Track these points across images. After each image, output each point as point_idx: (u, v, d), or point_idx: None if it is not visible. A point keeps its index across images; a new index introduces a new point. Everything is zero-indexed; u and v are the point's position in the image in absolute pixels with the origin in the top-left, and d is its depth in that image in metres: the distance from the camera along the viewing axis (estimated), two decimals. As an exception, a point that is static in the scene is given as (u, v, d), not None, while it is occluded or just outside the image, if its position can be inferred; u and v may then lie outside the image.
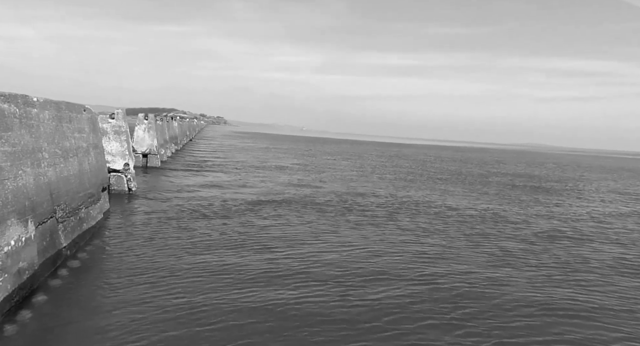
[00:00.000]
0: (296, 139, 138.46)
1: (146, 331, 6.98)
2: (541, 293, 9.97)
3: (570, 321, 8.55)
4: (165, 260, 10.47)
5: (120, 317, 7.39)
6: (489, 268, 11.69)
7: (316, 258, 11.49)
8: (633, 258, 13.71)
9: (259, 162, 41.35)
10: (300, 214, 17.16)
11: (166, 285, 8.91)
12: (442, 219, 18.10)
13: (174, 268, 9.94)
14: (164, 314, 7.61)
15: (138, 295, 8.32)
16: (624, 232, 18.15)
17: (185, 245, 11.85)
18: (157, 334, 6.93)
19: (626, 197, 31.85)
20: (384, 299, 9.02)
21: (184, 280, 9.27)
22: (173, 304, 8.04)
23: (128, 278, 9.17)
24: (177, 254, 10.98)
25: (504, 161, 79.55)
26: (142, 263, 10.15)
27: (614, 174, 60.22)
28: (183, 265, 10.20)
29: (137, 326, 7.11)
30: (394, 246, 13.28)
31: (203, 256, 10.98)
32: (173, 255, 10.85)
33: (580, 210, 23.22)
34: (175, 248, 11.50)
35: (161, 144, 33.14)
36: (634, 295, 10.31)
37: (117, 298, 8.17)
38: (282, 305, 8.37)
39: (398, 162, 55.31)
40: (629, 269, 12.51)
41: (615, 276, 11.74)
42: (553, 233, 16.83)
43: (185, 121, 73.85)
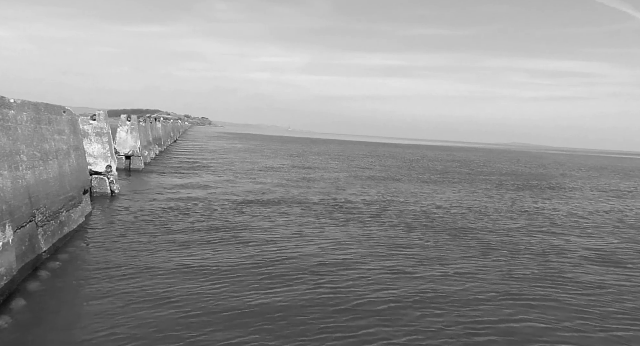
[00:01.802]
0: (282, 139, 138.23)
1: (128, 334, 6.90)
2: (514, 282, 10.23)
3: (537, 309, 8.77)
4: (148, 262, 10.36)
5: (101, 321, 7.29)
6: (467, 260, 11.98)
7: (296, 254, 11.53)
8: (606, 249, 14.08)
9: (245, 162, 41.18)
10: (287, 213, 17.14)
11: (149, 287, 8.82)
12: (427, 215, 18.29)
13: (157, 270, 9.84)
14: (146, 317, 7.53)
15: (120, 298, 8.21)
16: (601, 225, 18.61)
17: (169, 246, 11.75)
18: (139, 336, 6.86)
19: (607, 193, 32.67)
20: (363, 289, 9.12)
21: (168, 281, 9.18)
22: (156, 306, 7.96)
23: (110, 280, 9.04)
24: (161, 256, 10.88)
25: (489, 160, 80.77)
26: (125, 265, 10.02)
27: (596, 172, 61.71)
28: (166, 266, 10.11)
29: (119, 330, 7.03)
30: (379, 242, 13.39)
31: (187, 257, 10.89)
32: (157, 257, 10.75)
33: (561, 206, 23.72)
34: (159, 250, 11.38)
35: (144, 146, 32.73)
36: (603, 282, 10.61)
37: (98, 301, 8.04)
38: (262, 299, 8.38)
39: (385, 162, 55.69)
40: (603, 259, 12.85)
41: (589, 265, 12.06)
42: (531, 227, 17.17)
43: (169, 122, 73.04)
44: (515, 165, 67.47)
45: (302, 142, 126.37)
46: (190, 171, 30.45)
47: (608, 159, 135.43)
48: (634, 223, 19.97)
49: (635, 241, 16.13)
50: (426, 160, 65.28)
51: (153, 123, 42.13)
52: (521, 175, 46.66)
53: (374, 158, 61.56)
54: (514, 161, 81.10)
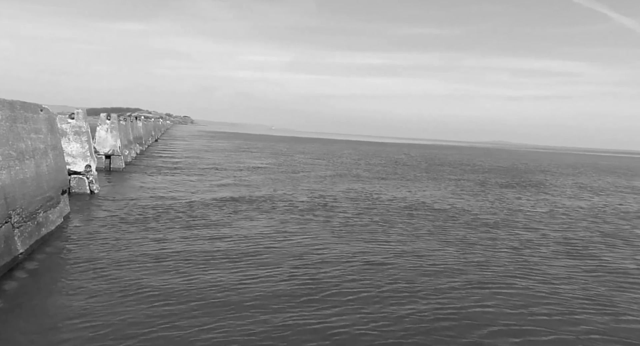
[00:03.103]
0: (267, 138, 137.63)
1: (106, 333, 6.83)
2: (487, 272, 10.51)
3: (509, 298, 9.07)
4: (128, 263, 10.26)
5: (79, 321, 7.23)
6: (443, 253, 12.27)
7: (276, 250, 11.58)
8: (579, 243, 14.51)
9: (229, 161, 40.88)
10: (270, 211, 17.14)
11: (129, 288, 8.75)
12: (410, 212, 18.54)
13: (138, 271, 9.75)
14: (126, 317, 7.49)
15: (99, 298, 8.15)
16: (576, 220, 19.15)
17: (150, 247, 11.63)
18: (117, 336, 6.79)
19: (584, 190, 33.59)
20: (342, 281, 9.25)
21: (148, 282, 9.12)
22: (137, 306, 7.92)
23: (88, 281, 8.95)
24: (142, 257, 10.77)
25: (471, 157, 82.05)
26: (104, 266, 9.90)
27: (575, 169, 63.34)
28: (147, 267, 10.03)
29: (97, 329, 6.98)
30: (360, 238, 13.54)
31: (168, 258, 10.83)
32: (137, 258, 10.65)
33: (539, 202, 24.29)
34: (140, 251, 11.27)
35: (125, 145, 32.19)
36: (571, 273, 10.97)
37: (76, 301, 7.96)
38: (241, 291, 8.45)
39: (370, 160, 56.02)
40: (574, 252, 13.25)
41: (560, 258, 12.42)
42: (510, 222, 17.55)
43: (151, 121, 71.95)
44: (496, 162, 68.73)
45: (286, 140, 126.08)
46: (172, 170, 30.09)
47: (587, 157, 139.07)
48: (606, 218, 20.61)
49: (605, 234, 16.66)
50: (410, 159, 65.97)
51: (134, 122, 41.46)
52: (502, 172, 47.58)
53: (359, 157, 61.86)
54: (495, 159, 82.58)
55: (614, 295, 9.99)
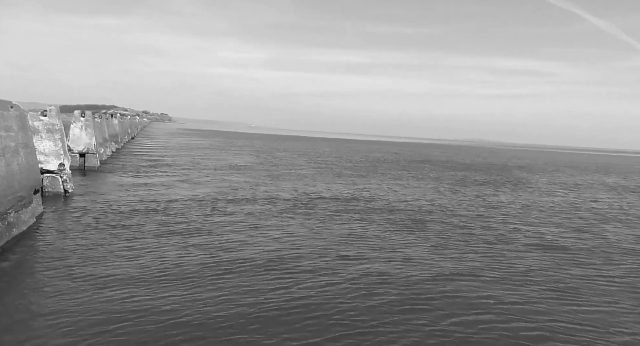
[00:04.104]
0: (246, 136, 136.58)
1: (75, 335, 6.75)
2: (458, 264, 10.81)
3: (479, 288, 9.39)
4: (102, 264, 10.07)
5: (49, 322, 7.13)
6: (418, 247, 12.52)
7: (254, 246, 11.61)
8: (549, 236, 15.03)
9: (209, 160, 40.45)
10: (250, 209, 17.09)
11: (101, 289, 8.63)
12: (389, 208, 18.78)
13: (110, 272, 9.61)
14: (94, 313, 7.42)
15: (69, 295, 8.03)
16: (548, 215, 19.79)
17: (125, 248, 11.41)
18: (87, 332, 6.73)
19: (556, 186, 34.66)
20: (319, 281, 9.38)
21: (121, 283, 9.00)
22: (105, 304, 7.83)
23: (60, 282, 8.80)
24: (116, 258, 10.57)
25: (451, 155, 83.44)
26: (77, 267, 9.72)
27: (551, 167, 65.18)
28: (121, 268, 9.87)
29: (67, 331, 6.90)
30: (339, 234, 13.66)
31: (143, 259, 10.65)
32: (111, 260, 10.46)
33: (514, 198, 24.96)
34: (114, 252, 11.06)
35: (100, 143, 31.48)
36: (539, 264, 11.39)
37: (46, 300, 7.84)
38: (215, 286, 8.46)
39: (351, 158, 56.40)
40: (543, 245, 13.74)
41: (531, 251, 12.87)
42: (485, 217, 18.00)
43: (127, 118, 70.47)
44: (474, 160, 70.13)
45: (266, 138, 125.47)
46: (150, 169, 29.59)
47: (561, 155, 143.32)
48: (577, 214, 21.35)
49: (575, 229, 17.28)
50: (390, 156, 66.65)
51: (109, 119, 40.54)
52: (480, 169, 48.61)
53: (340, 155, 62.15)
54: (474, 156, 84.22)
55: (579, 284, 10.44)
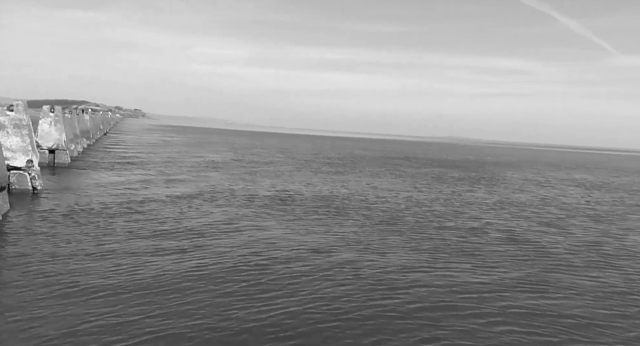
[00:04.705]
0: (224, 132, 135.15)
1: (38, 328, 6.62)
2: (433, 258, 11.13)
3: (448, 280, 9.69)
4: (70, 267, 9.74)
5: (9, 316, 6.95)
6: (390, 241, 12.73)
7: (229, 243, 11.59)
8: (518, 230, 15.57)
9: (185, 157, 39.84)
10: (227, 207, 16.99)
11: (65, 282, 8.47)
12: (366, 205, 19.00)
13: (76, 266, 9.42)
14: (58, 311, 7.29)
15: (31, 293, 7.85)
16: (520, 210, 20.43)
17: (93, 243, 11.18)
18: (50, 330, 6.61)
19: (531, 182, 35.74)
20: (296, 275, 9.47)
21: (86, 284, 8.76)
22: (70, 302, 7.69)
23: (22, 277, 8.58)
24: (82, 253, 10.34)
25: (430, 152, 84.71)
26: (41, 263, 9.48)
27: (526, 163, 67.02)
28: (89, 268, 9.61)
29: (29, 324, 6.76)
30: (314, 230, 13.76)
31: (112, 258, 10.40)
32: (77, 255, 10.23)
33: (489, 194, 25.64)
34: (81, 247, 10.81)
35: (71, 139, 30.57)
36: (510, 257, 11.83)
37: (8, 298, 7.63)
38: (186, 282, 8.44)
39: (330, 155, 56.57)
40: (513, 238, 14.22)
41: (501, 244, 13.32)
42: (459, 213, 18.45)
43: (99, 114, 68.59)
44: (452, 157, 71.50)
45: (244, 135, 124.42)
46: (124, 166, 28.95)
47: (536, 152, 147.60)
48: (546, 208, 22.12)
49: (543, 223, 17.92)
50: (369, 153, 67.20)
51: (80, 115, 39.40)
52: (457, 166, 49.62)
53: (318, 152, 62.25)
54: (451, 153, 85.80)
55: (545, 275, 10.89)
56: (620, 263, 12.51)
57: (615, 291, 10.07)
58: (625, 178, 47.48)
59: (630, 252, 14.01)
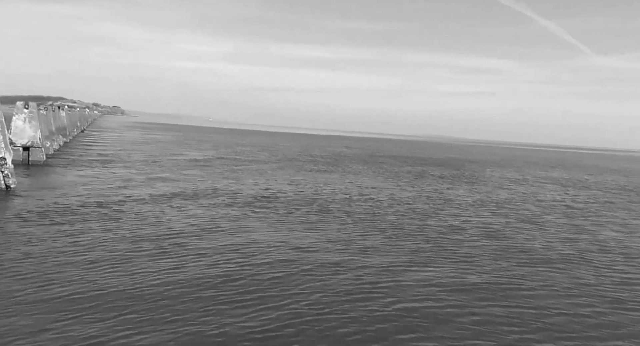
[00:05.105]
0: (206, 130, 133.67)
1: (15, 335, 6.47)
2: (411, 253, 11.30)
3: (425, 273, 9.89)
4: (44, 263, 9.57)
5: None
6: (368, 237, 12.95)
7: (211, 246, 11.51)
8: (495, 226, 15.91)
9: (165, 154, 39.26)
10: (206, 205, 16.85)
11: (41, 290, 8.25)
12: (348, 202, 19.10)
13: (54, 273, 9.16)
14: (29, 314, 7.14)
15: (8, 300, 7.62)
16: (497, 207, 20.88)
17: (70, 246, 10.85)
18: (20, 331, 6.47)
19: (510, 181, 36.50)
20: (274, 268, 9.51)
21: (60, 283, 8.60)
22: (41, 305, 7.53)
23: (7, 282, 8.30)
24: (60, 259, 10.02)
25: (412, 151, 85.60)
26: (16, 274, 9.12)
27: (505, 162, 68.34)
28: (65, 269, 9.38)
29: (7, 332, 6.57)
30: (295, 227, 13.78)
31: (85, 253, 10.26)
32: (55, 258, 9.96)
33: (467, 191, 26.09)
34: (59, 252, 10.49)
35: (46, 136, 29.79)
36: (487, 252, 12.11)
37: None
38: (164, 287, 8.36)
39: (312, 152, 56.58)
40: (488, 234, 14.55)
41: (483, 239, 13.63)
42: (440, 210, 18.75)
43: (76, 111, 67.00)
44: (432, 155, 72.41)
45: (227, 133, 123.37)
46: (102, 164, 28.37)
47: (515, 150, 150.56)
48: (524, 206, 22.66)
49: (520, 220, 18.36)
50: (352, 151, 67.47)
51: (56, 111, 38.40)
52: (438, 164, 50.29)
53: (301, 150, 62.18)
54: (432, 152, 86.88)
55: (522, 270, 11.19)
56: (592, 258, 12.94)
57: (586, 284, 10.45)
58: (599, 176, 49.00)
59: (602, 246, 14.50)
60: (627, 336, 7.88)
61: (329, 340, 7.06)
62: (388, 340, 7.21)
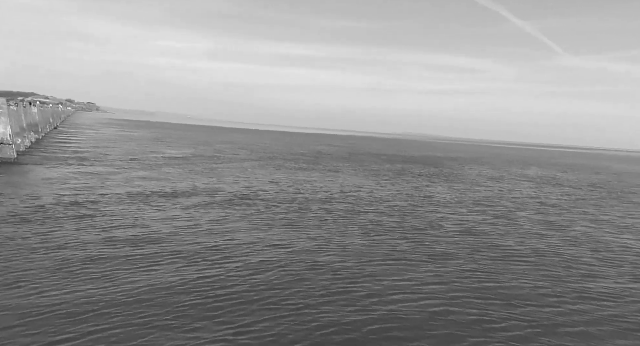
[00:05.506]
0: (185, 128, 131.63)
1: None
2: (386, 249, 11.47)
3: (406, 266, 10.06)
4: (13, 259, 9.33)
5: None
6: (348, 234, 12.99)
7: (189, 243, 11.40)
8: (470, 222, 16.24)
9: (143, 152, 38.49)
10: (188, 204, 16.62)
11: (7, 289, 8.05)
12: (327, 199, 19.13)
13: (22, 271, 8.94)
14: (14, 318, 6.91)
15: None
16: (473, 203, 21.28)
17: (41, 245, 10.62)
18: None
19: (487, 178, 37.19)
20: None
21: (31, 278, 8.45)
22: (12, 315, 7.33)
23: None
24: (30, 258, 9.80)
25: (391, 148, 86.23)
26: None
27: (482, 160, 69.54)
28: (34, 269, 9.17)
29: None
30: (274, 224, 13.75)
31: (60, 257, 9.96)
32: (24, 259, 9.69)
33: (447, 189, 26.47)
34: (29, 250, 10.25)
35: (17, 132, 28.79)
36: (461, 248, 12.38)
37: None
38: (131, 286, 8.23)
39: (292, 150, 56.38)
40: (464, 229, 14.85)
41: (460, 234, 13.89)
42: (417, 207, 18.98)
43: (48, 107, 64.99)
44: (411, 153, 73.16)
45: (206, 130, 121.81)
46: (76, 161, 27.61)
47: (492, 148, 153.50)
48: (499, 202, 23.14)
49: (495, 216, 18.77)
50: (332, 149, 67.53)
51: (27, 107, 37.15)
52: (417, 162, 50.86)
53: (282, 147, 61.89)
54: (412, 150, 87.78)
55: (495, 263, 11.48)
56: (562, 252, 13.37)
57: (555, 276, 10.84)
58: (571, 174, 50.50)
59: (572, 241, 14.97)
60: (590, 323, 8.26)
61: (304, 334, 7.08)
62: (360, 331, 7.31)
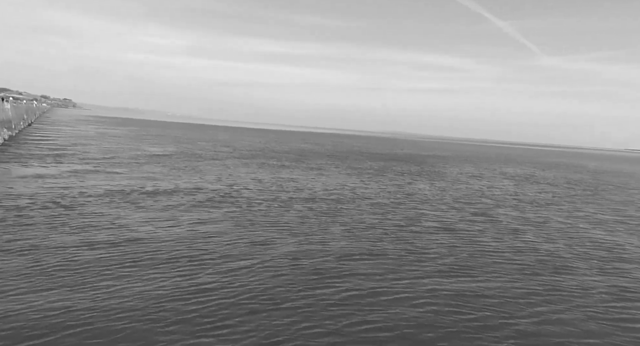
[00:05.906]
0: (165, 125, 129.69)
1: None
2: (367, 246, 11.68)
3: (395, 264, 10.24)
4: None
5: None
6: (334, 232, 13.09)
7: (168, 243, 11.33)
8: (451, 220, 16.57)
9: (123, 150, 37.79)
10: (169, 203, 16.47)
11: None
12: (311, 197, 19.24)
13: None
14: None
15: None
16: (453, 201, 21.69)
17: (13, 244, 10.43)
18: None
19: (467, 175, 37.88)
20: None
21: (4, 280, 8.22)
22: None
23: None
24: (4, 257, 9.60)
25: (375, 147, 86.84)
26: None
27: (463, 158, 70.69)
28: (8, 270, 9.00)
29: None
30: (258, 222, 13.78)
31: (34, 258, 9.81)
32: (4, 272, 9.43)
33: (428, 187, 26.89)
34: (7, 259, 9.95)
35: (-10, 129, 27.90)
36: (440, 244, 12.65)
37: None
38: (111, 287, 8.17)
39: (275, 148, 56.24)
40: (445, 227, 15.17)
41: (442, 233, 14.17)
42: (399, 204, 19.25)
43: (22, 103, 63.20)
44: (394, 151, 73.86)
45: (187, 128, 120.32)
46: (52, 159, 26.97)
47: (473, 146, 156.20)
48: (479, 199, 23.64)
49: (473, 213, 19.18)
50: (316, 147, 67.62)
51: (0, 103, 36.05)
52: (400, 160, 51.40)
53: (264, 145, 61.66)
54: (395, 148, 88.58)
55: (473, 259, 11.78)
56: (538, 247, 13.81)
57: (531, 273, 11.16)
58: (549, 172, 51.85)
59: (547, 237, 15.44)
60: (562, 311, 8.59)
61: (280, 329, 7.15)
62: (338, 325, 7.43)
